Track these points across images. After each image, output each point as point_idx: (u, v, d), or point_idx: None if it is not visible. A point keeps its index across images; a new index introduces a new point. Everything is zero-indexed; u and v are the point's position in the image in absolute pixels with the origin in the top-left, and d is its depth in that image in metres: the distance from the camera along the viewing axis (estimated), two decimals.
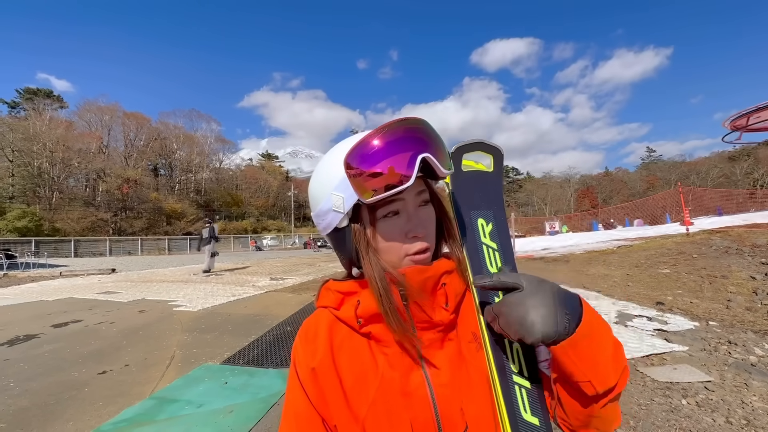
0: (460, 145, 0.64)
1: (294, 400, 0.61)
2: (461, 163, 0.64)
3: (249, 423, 2.67)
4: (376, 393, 0.56)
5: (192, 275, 12.90)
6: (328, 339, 0.62)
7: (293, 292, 8.64)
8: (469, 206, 0.63)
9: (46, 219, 37.66)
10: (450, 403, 0.56)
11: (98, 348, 4.60)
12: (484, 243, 0.61)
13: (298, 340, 0.65)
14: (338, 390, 0.58)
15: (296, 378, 0.62)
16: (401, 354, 0.58)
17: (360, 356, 0.60)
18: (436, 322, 0.58)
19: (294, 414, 0.60)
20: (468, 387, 0.57)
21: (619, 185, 71.54)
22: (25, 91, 50.28)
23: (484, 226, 0.62)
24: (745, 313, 4.73)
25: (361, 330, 0.60)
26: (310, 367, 0.60)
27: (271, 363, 3.90)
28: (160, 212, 51.05)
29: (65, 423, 2.77)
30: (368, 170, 0.53)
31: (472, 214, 0.63)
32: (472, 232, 0.62)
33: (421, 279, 0.57)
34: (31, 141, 41.52)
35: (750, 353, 3.47)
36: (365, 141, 0.54)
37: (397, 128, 0.54)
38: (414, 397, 0.56)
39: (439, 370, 0.57)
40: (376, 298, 0.58)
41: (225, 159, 72.68)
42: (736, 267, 6.72)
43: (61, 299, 8.48)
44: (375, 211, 0.57)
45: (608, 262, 9.67)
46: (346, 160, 0.55)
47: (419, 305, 0.58)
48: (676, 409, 2.61)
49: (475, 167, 0.65)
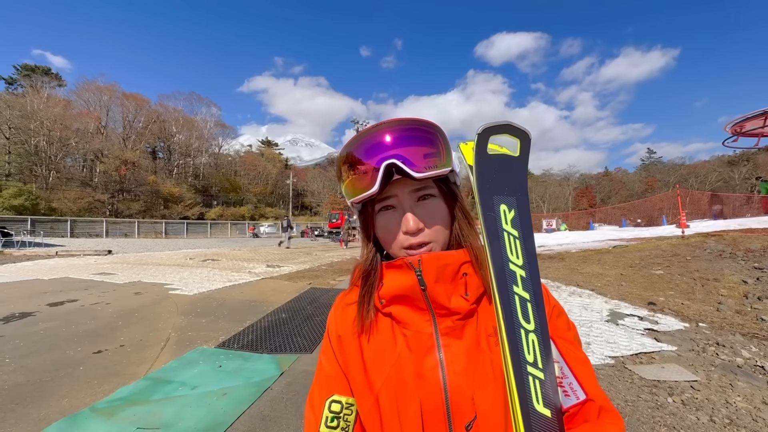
0: (487, 126, 0.60)
1: (326, 362, 0.68)
2: (486, 146, 0.61)
3: (242, 406, 2.71)
4: (391, 369, 0.60)
5: (189, 259, 12.91)
6: (357, 314, 0.67)
7: (289, 280, 8.67)
8: (491, 191, 0.60)
9: (42, 198, 37.40)
10: (462, 390, 0.57)
11: (94, 328, 4.63)
12: (505, 230, 0.59)
13: (332, 310, 0.72)
14: (359, 361, 0.63)
15: (328, 343, 0.69)
16: (419, 336, 0.61)
17: (383, 334, 0.64)
18: (452, 310, 0.60)
19: (326, 375, 0.66)
20: (482, 378, 0.58)
21: (618, 185, 71.64)
22: (22, 68, 49.53)
23: (507, 213, 0.59)
24: (734, 316, 4.79)
25: (383, 309, 0.64)
26: (338, 334, 0.67)
27: (266, 348, 3.94)
28: (157, 195, 50.77)
29: (60, 399, 2.80)
30: (347, 175, 0.62)
31: (495, 200, 0.60)
32: (493, 217, 0.59)
33: (437, 266, 0.60)
34: (28, 118, 41.01)
35: (737, 355, 3.53)
36: (348, 147, 0.62)
37: (371, 134, 0.61)
38: (426, 380, 0.58)
39: (455, 357, 0.59)
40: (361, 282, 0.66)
41: (224, 144, 72.23)
42: (728, 270, 6.78)
43: (56, 278, 8.49)
44: (374, 205, 0.63)
45: (603, 261, 9.73)
46: (337, 164, 0.65)
47: (437, 291, 0.60)
48: (662, 406, 2.66)
49: (500, 151, 0.62)
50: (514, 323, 0.54)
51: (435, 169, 0.59)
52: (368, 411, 0.60)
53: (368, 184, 0.59)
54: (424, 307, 0.61)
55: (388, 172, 0.57)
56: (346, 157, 0.62)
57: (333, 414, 0.62)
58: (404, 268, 0.61)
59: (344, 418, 0.62)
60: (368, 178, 0.59)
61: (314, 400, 0.65)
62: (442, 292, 0.60)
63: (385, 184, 0.59)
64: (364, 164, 0.59)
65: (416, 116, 0.63)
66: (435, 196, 0.63)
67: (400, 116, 0.64)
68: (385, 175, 0.57)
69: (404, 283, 0.61)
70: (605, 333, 4.28)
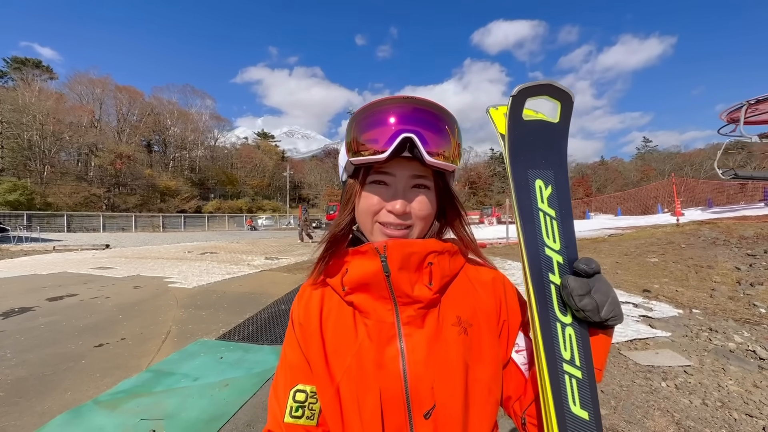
0: (524, 86, 0.53)
1: (289, 351, 0.67)
2: (522, 111, 0.54)
3: (244, 396, 2.75)
4: (351, 360, 0.60)
5: (187, 253, 12.91)
6: (319, 303, 0.67)
7: (288, 272, 8.70)
8: (526, 164, 0.54)
9: (37, 193, 37.14)
10: (421, 380, 0.57)
11: (94, 322, 4.65)
12: (541, 209, 0.53)
13: (296, 299, 0.71)
14: (320, 351, 0.63)
15: (292, 332, 0.68)
16: (380, 326, 0.61)
17: (344, 323, 0.64)
18: (415, 298, 0.60)
19: (289, 364, 0.66)
20: (443, 368, 0.58)
21: (614, 174, 71.70)
22: (12, 61, 48.70)
23: (543, 189, 0.53)
24: (727, 302, 4.87)
25: (345, 297, 0.64)
26: (300, 323, 0.67)
27: (266, 340, 3.98)
28: (154, 189, 50.52)
29: (63, 393, 2.83)
30: (359, 134, 0.60)
31: (530, 174, 0.53)
32: (527, 195, 0.53)
33: (403, 253, 0.59)
34: (20, 112, 40.49)
35: (729, 340, 3.60)
36: (369, 108, 0.60)
37: (400, 103, 0.59)
38: (386, 370, 0.58)
39: (415, 346, 0.59)
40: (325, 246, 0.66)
41: (220, 137, 71.75)
42: (722, 258, 6.86)
43: (55, 273, 8.49)
44: (368, 175, 0.62)
45: (599, 249, 9.81)
46: (350, 120, 0.62)
47: (400, 279, 0.60)
48: (656, 390, 2.72)
49: (536, 117, 0.55)
50: (549, 315, 0.50)
51: (445, 159, 0.59)
52: (329, 401, 0.60)
53: (379, 149, 0.57)
54: (386, 296, 0.61)
55: (401, 146, 0.56)
56: (364, 117, 0.60)
57: (298, 403, 0.62)
58: (370, 253, 0.60)
59: (309, 407, 0.62)
60: (381, 144, 0.57)
61: (278, 390, 0.65)
62: (405, 279, 0.60)
63: (394, 156, 0.57)
64: (382, 129, 0.57)
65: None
66: (429, 188, 0.63)
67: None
68: (398, 148, 0.56)
69: (368, 270, 0.60)
70: None
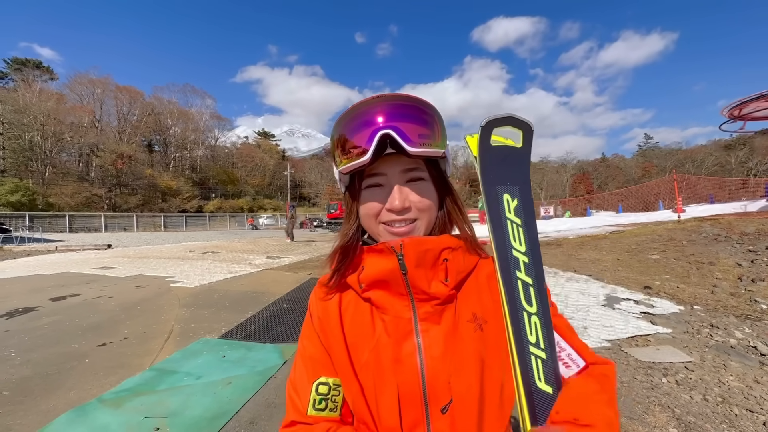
0: (491, 119, 0.62)
1: (309, 344, 0.68)
2: (490, 138, 0.62)
3: (247, 394, 2.77)
4: (369, 355, 0.61)
5: (188, 252, 12.94)
6: (338, 297, 0.68)
7: (290, 271, 8.73)
8: (495, 181, 0.63)
9: (39, 193, 37.22)
10: (438, 375, 0.58)
11: (97, 321, 4.68)
12: (508, 218, 0.61)
13: (314, 293, 0.71)
14: (342, 345, 0.64)
15: (311, 325, 0.69)
16: (397, 321, 0.61)
17: (361, 319, 0.64)
18: (432, 295, 0.61)
19: (310, 357, 0.66)
20: (459, 363, 0.59)
21: (615, 171, 71.55)
22: (13, 61, 48.81)
23: (510, 202, 0.62)
24: (728, 298, 4.87)
25: (362, 294, 0.64)
26: (319, 316, 0.67)
27: (269, 338, 4.00)
28: (155, 189, 50.60)
29: (67, 391, 2.85)
30: (340, 144, 0.61)
31: (498, 189, 0.62)
32: (497, 206, 0.62)
33: (419, 251, 0.60)
34: (21, 113, 40.53)
35: (730, 336, 3.61)
36: (344, 117, 0.61)
37: (369, 105, 0.60)
38: (404, 365, 0.59)
39: (432, 342, 0.60)
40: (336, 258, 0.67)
41: (221, 136, 71.80)
42: (723, 254, 6.86)
43: (58, 273, 8.53)
44: (362, 180, 0.63)
45: (600, 246, 9.81)
46: (331, 134, 0.63)
47: (417, 276, 0.60)
48: (657, 386, 2.73)
49: (504, 143, 0.63)
50: (517, 306, 0.58)
51: (429, 147, 0.59)
52: (355, 394, 0.60)
53: (361, 153, 0.58)
54: (403, 292, 0.61)
55: (381, 144, 0.56)
56: (341, 125, 0.61)
57: (321, 396, 0.62)
58: (386, 252, 0.61)
59: (332, 399, 0.62)
60: (361, 148, 0.58)
61: (298, 384, 0.65)
62: (422, 276, 0.60)
63: (378, 156, 0.57)
64: (359, 133, 0.58)
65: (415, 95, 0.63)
66: (425, 179, 0.63)
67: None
68: (379, 147, 0.56)
69: (385, 267, 0.60)
70: (602, 317, 4.35)
